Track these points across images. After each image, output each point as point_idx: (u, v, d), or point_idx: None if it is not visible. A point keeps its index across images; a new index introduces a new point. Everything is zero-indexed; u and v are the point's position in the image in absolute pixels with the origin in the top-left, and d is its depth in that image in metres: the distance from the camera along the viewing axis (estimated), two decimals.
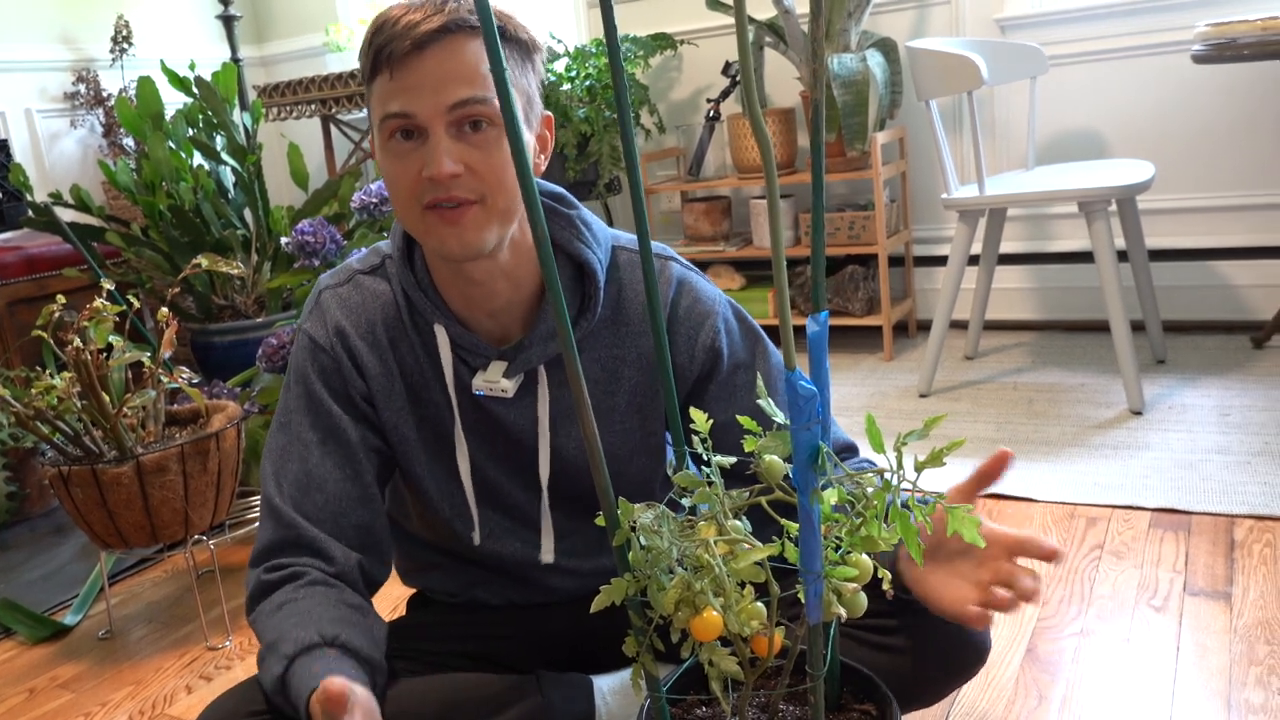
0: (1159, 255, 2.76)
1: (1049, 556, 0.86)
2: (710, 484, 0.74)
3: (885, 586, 0.77)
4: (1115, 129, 2.81)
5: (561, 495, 1.13)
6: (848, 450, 1.12)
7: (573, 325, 1.06)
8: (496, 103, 0.95)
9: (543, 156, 1.05)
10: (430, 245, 1.00)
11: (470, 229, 0.97)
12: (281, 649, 0.94)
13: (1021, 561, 0.89)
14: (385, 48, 0.94)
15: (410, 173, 0.96)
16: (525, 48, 1.00)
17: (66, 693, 1.65)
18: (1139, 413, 2.26)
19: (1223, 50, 2.08)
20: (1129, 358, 2.25)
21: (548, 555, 1.14)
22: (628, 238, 1.12)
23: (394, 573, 1.22)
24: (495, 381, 1.06)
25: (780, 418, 0.71)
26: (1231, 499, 1.81)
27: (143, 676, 1.67)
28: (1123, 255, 2.58)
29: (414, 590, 1.30)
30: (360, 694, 0.84)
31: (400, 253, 1.08)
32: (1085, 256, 2.88)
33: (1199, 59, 2.15)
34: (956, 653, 1.04)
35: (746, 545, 0.71)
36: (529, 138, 1.01)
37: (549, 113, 1.06)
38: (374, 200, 2.06)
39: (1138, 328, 2.65)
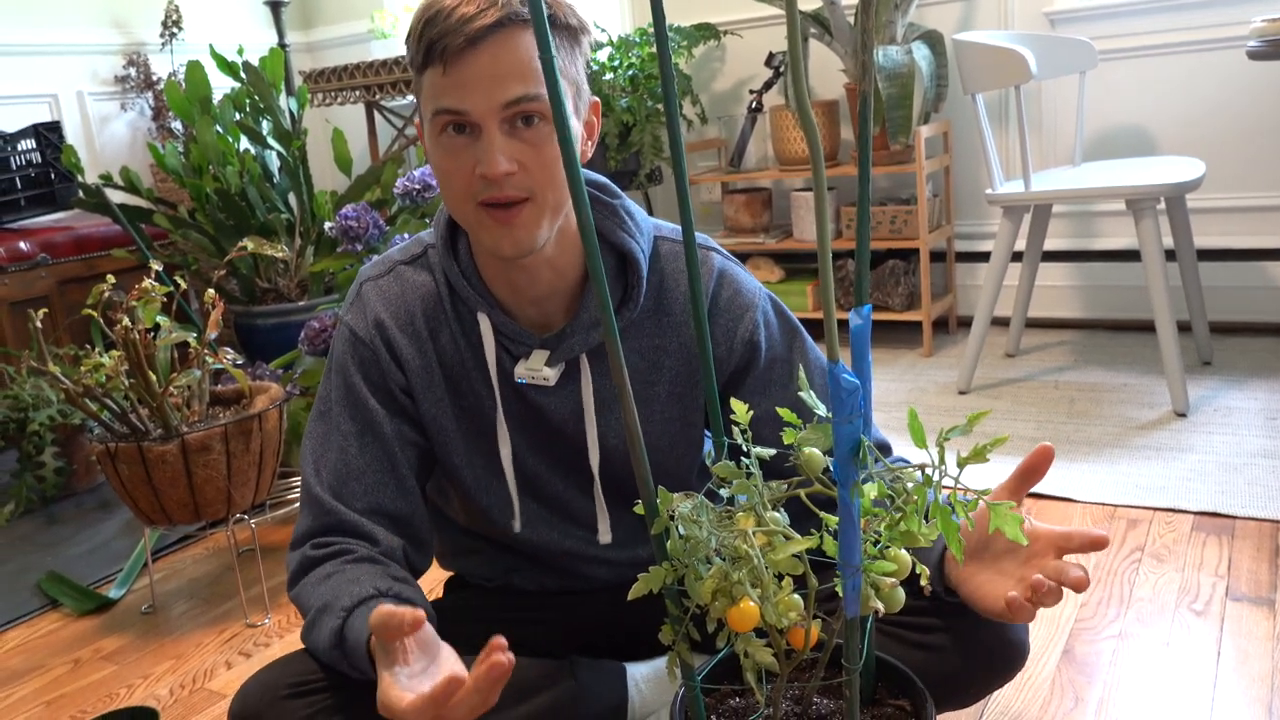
0: (1207, 255, 2.71)
1: (1098, 544, 0.84)
2: (749, 475, 0.74)
3: (923, 583, 0.76)
4: (1165, 126, 2.77)
5: (604, 484, 1.13)
6: (883, 449, 1.11)
7: (615, 314, 1.07)
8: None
9: (590, 143, 1.05)
10: (484, 242, 1.00)
11: (522, 228, 0.97)
12: (339, 604, 0.95)
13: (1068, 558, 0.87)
14: (438, 41, 0.93)
15: (463, 169, 0.96)
16: (574, 33, 1.00)
17: (110, 664, 1.69)
18: (1183, 414, 2.22)
19: (1279, 46, 2.04)
20: (1174, 358, 2.21)
21: (605, 536, 1.14)
22: (670, 227, 1.12)
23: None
24: (537, 370, 1.06)
25: (822, 410, 0.71)
26: (1277, 504, 1.78)
27: (183, 651, 1.71)
28: (1170, 254, 2.53)
29: (450, 574, 1.31)
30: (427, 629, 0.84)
31: (444, 241, 1.08)
32: (1132, 255, 2.83)
33: (1254, 55, 2.10)
34: (995, 654, 1.04)
35: (785, 537, 0.71)
36: (576, 126, 1.01)
37: (596, 98, 1.06)
38: (416, 186, 2.07)
39: (1184, 328, 2.61)
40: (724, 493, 0.75)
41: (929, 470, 0.69)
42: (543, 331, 1.09)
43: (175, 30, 3.40)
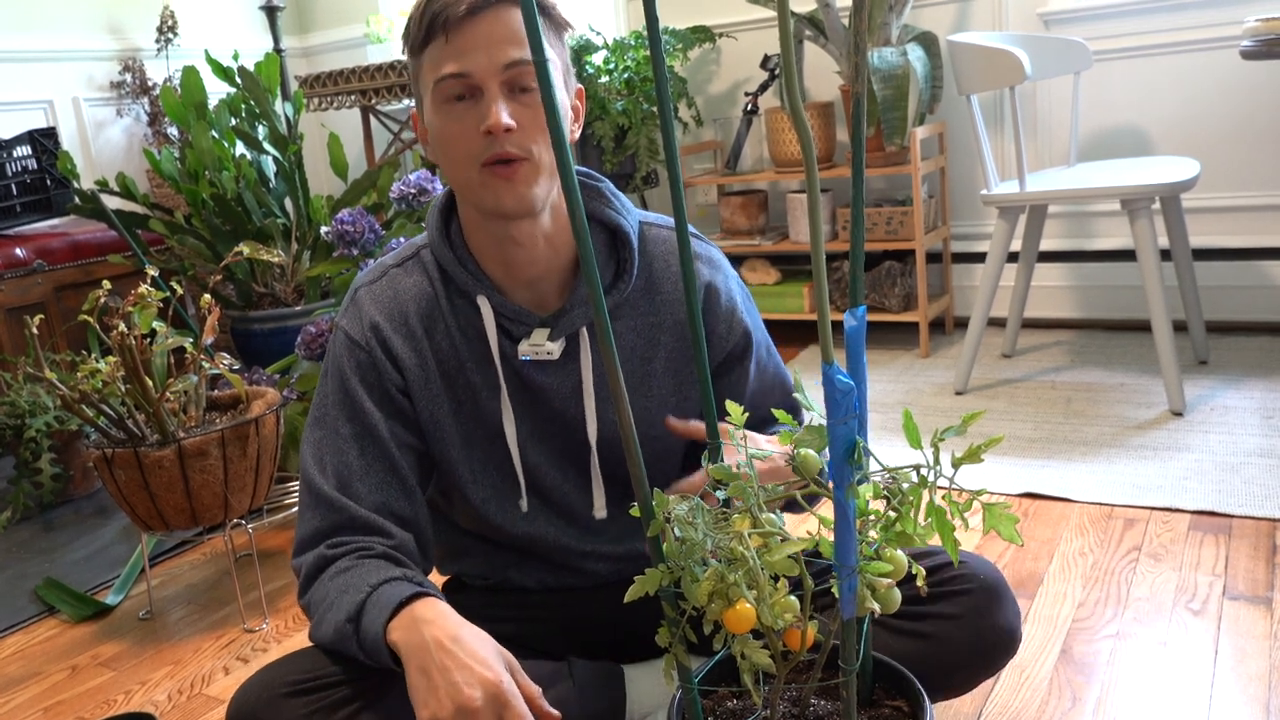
0: (1203, 254, 2.72)
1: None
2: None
3: (919, 583, 0.77)
4: (1160, 125, 2.77)
5: (602, 461, 1.14)
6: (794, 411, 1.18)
7: (608, 291, 1.10)
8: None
9: (576, 125, 1.10)
10: (485, 202, 1.04)
11: (523, 184, 1.02)
12: (365, 582, 0.97)
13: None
14: (441, 14, 0.99)
15: (467, 131, 1.01)
16: (558, 25, 1.06)
17: (107, 670, 1.68)
18: (1180, 414, 2.23)
19: (1273, 46, 2.04)
20: (1170, 358, 2.22)
21: (600, 511, 1.16)
22: (654, 216, 1.17)
23: None
24: (541, 345, 1.08)
25: (818, 411, 0.71)
26: (1274, 503, 1.78)
27: (181, 657, 1.70)
28: (1166, 254, 2.54)
29: (447, 577, 1.31)
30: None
31: (439, 230, 1.11)
32: (1127, 255, 2.84)
33: (1247, 55, 2.11)
34: (986, 640, 1.05)
35: (780, 538, 0.71)
36: (565, 106, 1.06)
37: (580, 85, 1.11)
38: (412, 190, 2.07)
39: (1180, 328, 2.61)
40: (720, 494, 0.75)
41: (924, 471, 0.69)
42: (540, 312, 1.11)
43: (170, 36, 3.40)
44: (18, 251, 2.66)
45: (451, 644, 0.89)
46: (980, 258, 3.00)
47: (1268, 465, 1.93)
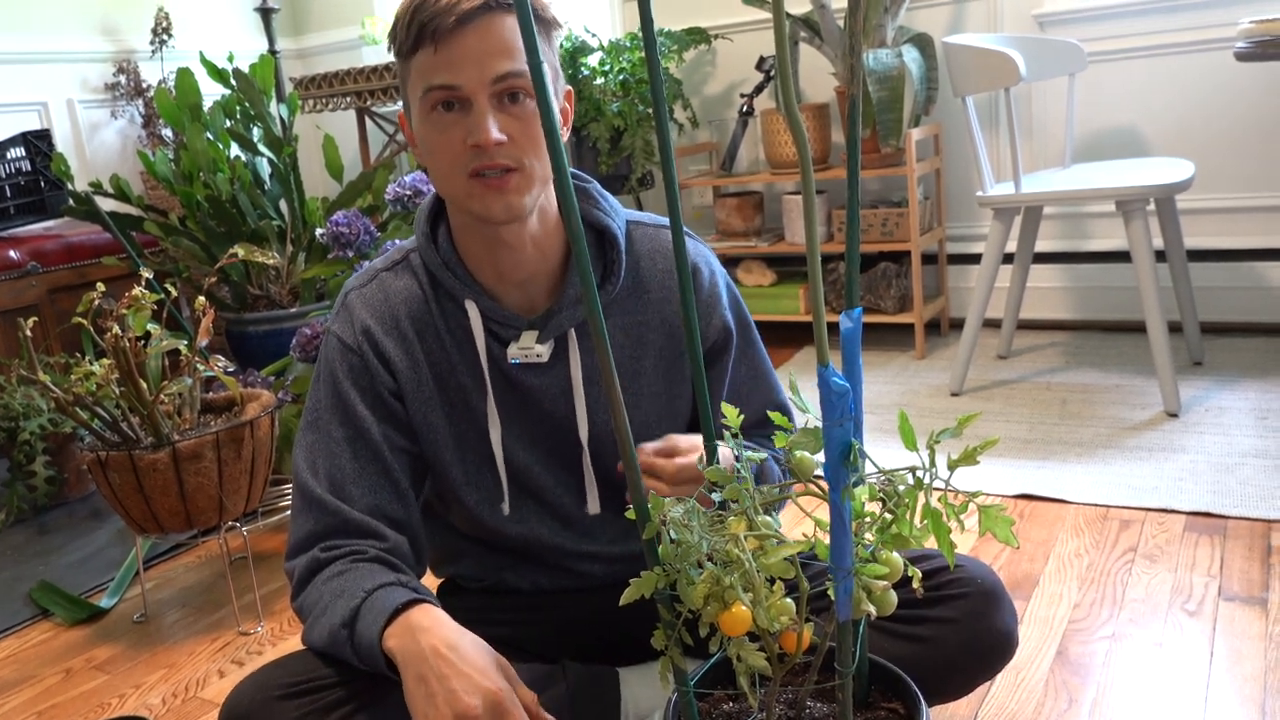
0: (1198, 255, 2.72)
1: None
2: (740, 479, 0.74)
3: (915, 585, 0.76)
4: (1155, 127, 2.78)
5: (592, 461, 1.14)
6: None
7: (597, 290, 1.10)
8: None
9: (565, 128, 1.10)
10: (474, 210, 1.04)
11: (514, 193, 1.02)
12: (359, 587, 0.97)
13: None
14: (429, 23, 0.98)
15: (454, 142, 1.01)
16: (549, 25, 1.05)
17: (102, 674, 1.68)
18: (1175, 415, 2.23)
19: (1266, 48, 2.04)
20: (1165, 359, 2.22)
21: (594, 506, 1.16)
22: (644, 215, 1.17)
23: None
24: (530, 348, 1.09)
25: (814, 412, 0.71)
26: (1269, 504, 1.78)
27: (176, 660, 1.70)
28: (1161, 255, 2.54)
29: (442, 580, 1.31)
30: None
31: (425, 236, 1.11)
32: (1122, 256, 2.84)
33: (1242, 56, 2.11)
34: (982, 643, 1.05)
35: (776, 541, 0.71)
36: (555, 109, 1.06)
37: (569, 87, 1.11)
38: (408, 192, 2.07)
39: (1175, 329, 2.61)
40: (716, 496, 0.75)
41: (920, 473, 0.69)
42: (528, 315, 1.11)
43: (165, 37, 3.40)
44: (12, 254, 2.65)
45: (449, 652, 0.89)
46: (975, 259, 3.00)
47: (1263, 466, 1.93)
